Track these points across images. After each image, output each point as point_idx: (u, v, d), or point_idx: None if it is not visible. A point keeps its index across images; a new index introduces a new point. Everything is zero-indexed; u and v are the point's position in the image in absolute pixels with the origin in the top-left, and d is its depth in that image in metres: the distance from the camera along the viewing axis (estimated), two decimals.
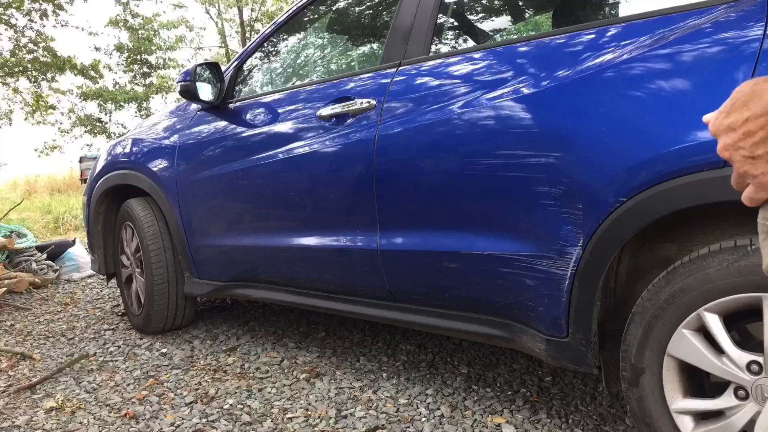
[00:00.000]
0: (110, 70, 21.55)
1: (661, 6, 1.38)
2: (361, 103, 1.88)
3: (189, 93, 2.34)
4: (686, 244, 1.46)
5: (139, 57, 21.57)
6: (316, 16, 2.56)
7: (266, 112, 2.27)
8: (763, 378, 1.21)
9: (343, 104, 1.93)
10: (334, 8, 2.57)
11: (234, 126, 2.36)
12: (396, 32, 1.92)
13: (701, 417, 1.34)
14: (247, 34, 15.82)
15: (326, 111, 1.97)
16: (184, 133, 2.55)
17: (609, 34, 1.45)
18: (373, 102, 1.85)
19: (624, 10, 1.91)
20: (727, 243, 1.25)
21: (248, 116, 2.32)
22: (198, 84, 2.34)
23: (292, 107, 2.17)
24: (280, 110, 2.21)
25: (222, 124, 2.40)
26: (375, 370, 2.24)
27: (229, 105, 2.42)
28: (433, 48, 1.87)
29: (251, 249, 2.31)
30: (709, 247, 1.28)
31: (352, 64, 2.79)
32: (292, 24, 2.47)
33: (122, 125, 22.11)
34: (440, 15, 1.97)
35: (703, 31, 1.28)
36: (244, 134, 2.31)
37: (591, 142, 1.38)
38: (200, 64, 2.38)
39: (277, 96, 2.27)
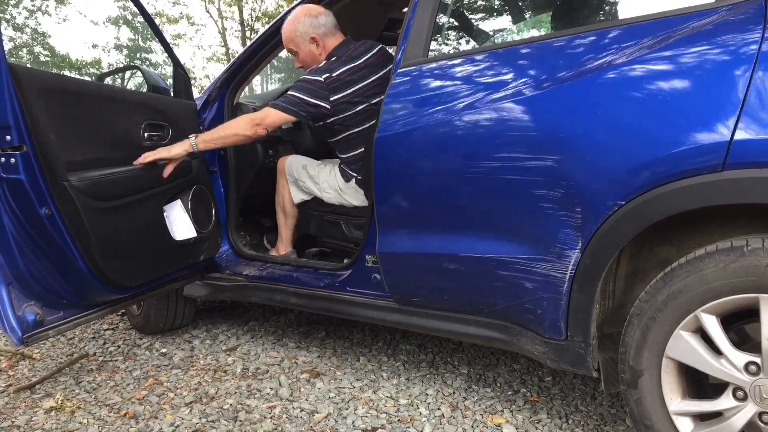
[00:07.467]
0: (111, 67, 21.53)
1: (662, 9, 1.39)
2: None
3: None
4: (684, 246, 1.46)
5: (138, 55, 21.56)
6: None
7: None
8: (761, 378, 1.22)
9: None
10: None
11: None
12: None
13: (700, 418, 1.35)
14: (248, 34, 15.81)
15: None
16: None
17: (609, 36, 1.45)
18: None
19: (624, 13, 1.92)
20: (723, 244, 1.25)
21: None
22: None
23: None
24: None
25: None
26: (375, 370, 2.24)
27: None
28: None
29: None
30: (706, 249, 1.28)
31: None
32: None
33: None
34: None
35: (702, 33, 1.29)
36: None
37: (590, 144, 1.39)
38: None
39: None
